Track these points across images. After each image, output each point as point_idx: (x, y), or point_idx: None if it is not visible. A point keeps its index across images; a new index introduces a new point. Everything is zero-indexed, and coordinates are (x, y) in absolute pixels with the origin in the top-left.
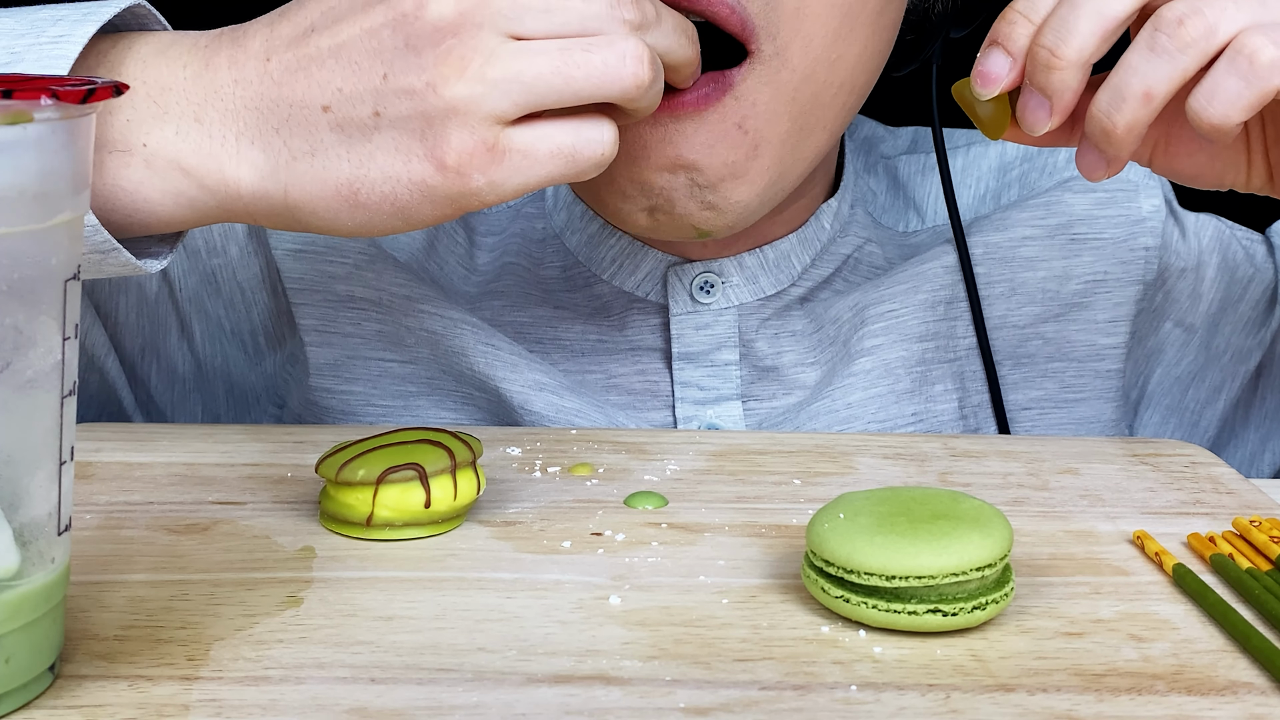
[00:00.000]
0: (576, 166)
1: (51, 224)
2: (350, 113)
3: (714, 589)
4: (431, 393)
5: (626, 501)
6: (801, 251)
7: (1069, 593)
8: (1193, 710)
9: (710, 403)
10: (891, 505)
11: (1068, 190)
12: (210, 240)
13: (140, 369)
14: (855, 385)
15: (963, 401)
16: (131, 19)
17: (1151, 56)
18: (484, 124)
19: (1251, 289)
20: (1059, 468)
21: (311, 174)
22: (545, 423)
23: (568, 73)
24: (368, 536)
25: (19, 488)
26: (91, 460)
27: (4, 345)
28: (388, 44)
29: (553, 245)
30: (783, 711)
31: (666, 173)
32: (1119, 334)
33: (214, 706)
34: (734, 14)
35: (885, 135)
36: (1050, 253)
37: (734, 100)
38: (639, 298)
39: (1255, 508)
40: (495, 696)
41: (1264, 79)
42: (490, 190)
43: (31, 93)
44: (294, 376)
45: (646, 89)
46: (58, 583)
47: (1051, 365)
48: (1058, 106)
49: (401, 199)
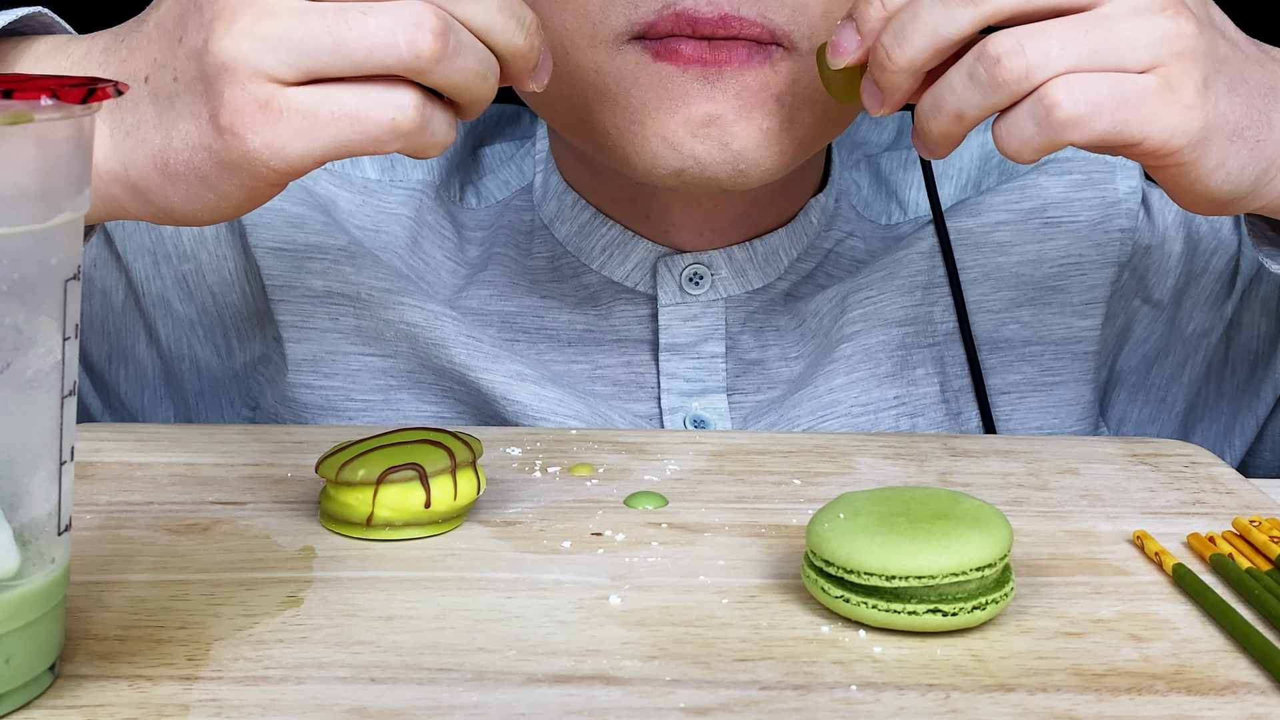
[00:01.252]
0: (365, 132)
1: (51, 224)
2: (160, 81)
3: (714, 589)
4: (412, 386)
5: (626, 501)
6: (790, 246)
7: (1069, 593)
8: (1192, 710)
9: (696, 395)
10: (891, 505)
11: (1043, 173)
12: (180, 245)
13: (109, 375)
14: (837, 371)
15: (944, 385)
16: (39, 25)
17: (969, 83)
18: (254, 80)
19: (1215, 261)
20: (1059, 468)
21: (138, 148)
22: (528, 413)
23: (339, 33)
24: (368, 536)
25: (19, 488)
26: (91, 460)
27: (4, 345)
28: (187, 6)
29: (541, 236)
30: (783, 711)
31: (701, 130)
32: (1095, 316)
33: (214, 706)
34: (764, 29)
35: (871, 125)
36: (1024, 237)
37: (773, 73)
38: (627, 288)
39: (1255, 507)
40: (495, 696)
41: (1056, 131)
42: (271, 154)
43: (31, 93)
44: (267, 376)
45: (432, 61)
46: (58, 583)
47: (1029, 349)
48: (888, 101)
49: (201, 167)
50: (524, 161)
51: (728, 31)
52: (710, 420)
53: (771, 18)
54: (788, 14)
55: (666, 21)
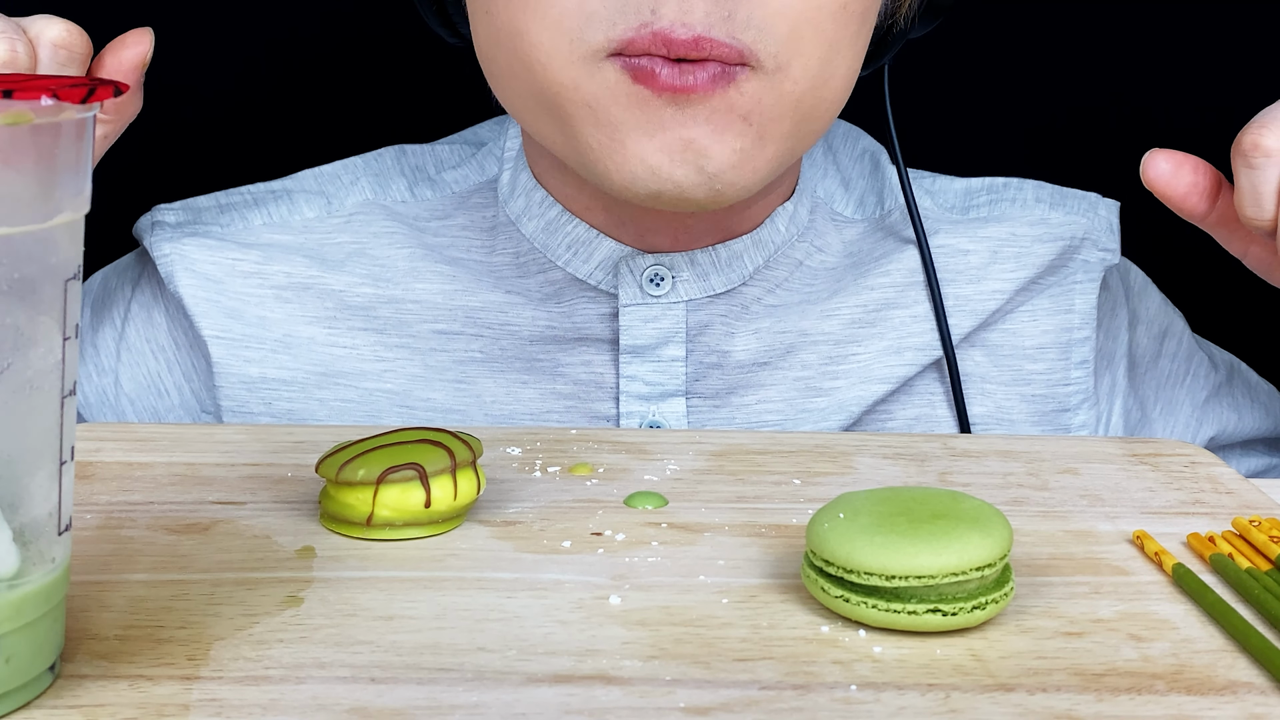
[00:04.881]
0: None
1: (51, 224)
2: None
3: (714, 589)
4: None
5: (626, 501)
6: (754, 252)
7: (1069, 592)
8: (1192, 710)
9: (655, 398)
10: (891, 505)
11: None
12: (160, 385)
13: None
14: (797, 379)
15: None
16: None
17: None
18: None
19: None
20: (1059, 468)
21: None
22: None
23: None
24: (368, 536)
25: (19, 488)
26: (91, 460)
27: (4, 345)
28: None
29: (505, 232)
30: (783, 711)
31: (679, 154)
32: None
33: (214, 706)
34: (732, 49)
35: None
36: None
37: (739, 95)
38: (590, 285)
39: (1255, 507)
40: (495, 696)
41: None
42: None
43: (31, 93)
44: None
45: None
46: (58, 583)
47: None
48: None
49: None
50: (485, 160)
51: (700, 53)
52: (667, 424)
53: (740, 37)
54: (754, 34)
55: (643, 40)
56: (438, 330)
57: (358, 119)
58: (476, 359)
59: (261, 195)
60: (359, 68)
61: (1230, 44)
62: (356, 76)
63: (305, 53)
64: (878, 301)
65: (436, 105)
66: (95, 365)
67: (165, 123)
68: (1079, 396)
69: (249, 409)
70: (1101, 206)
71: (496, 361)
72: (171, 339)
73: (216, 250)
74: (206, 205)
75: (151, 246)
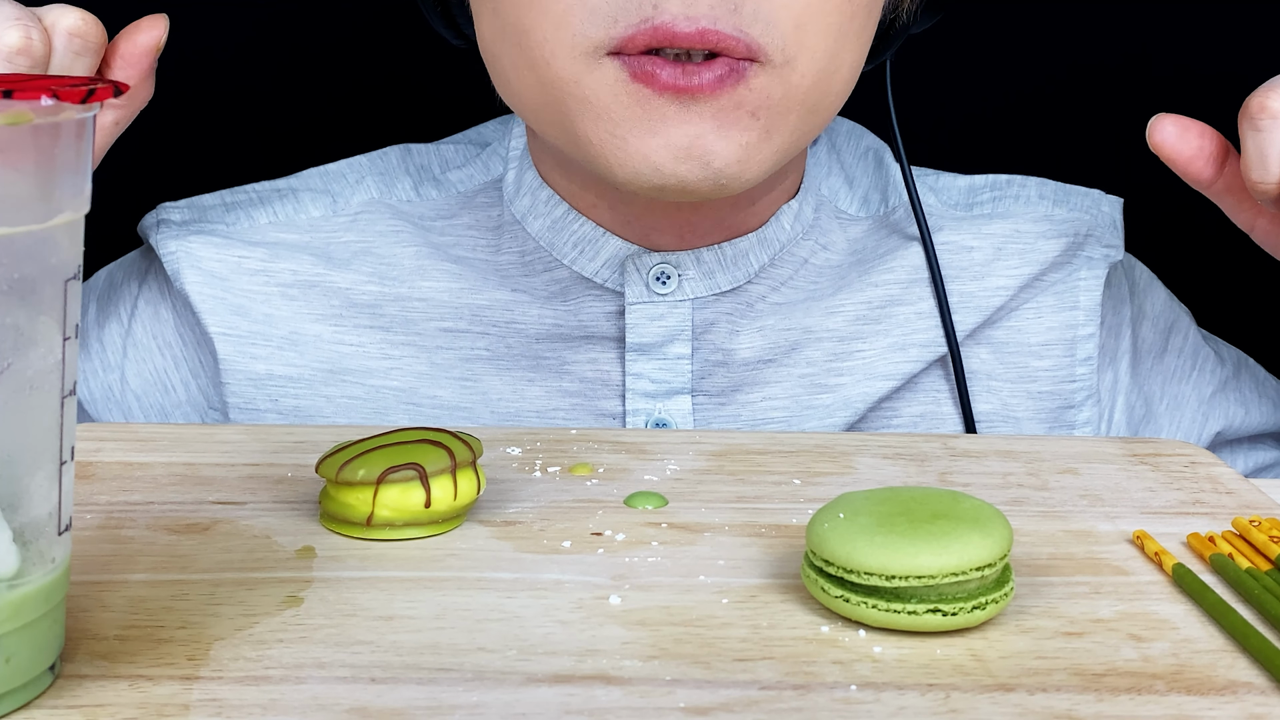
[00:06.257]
0: None
1: (51, 224)
2: None
3: (714, 589)
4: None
5: (626, 501)
6: (760, 250)
7: (1069, 592)
8: (1192, 710)
9: (661, 396)
10: (891, 505)
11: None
12: (167, 381)
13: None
14: (802, 376)
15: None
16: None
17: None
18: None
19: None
20: (1059, 467)
21: None
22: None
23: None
24: (368, 536)
25: (19, 488)
26: (91, 460)
27: (4, 345)
28: None
29: (510, 231)
30: (783, 711)
31: (683, 152)
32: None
33: (214, 706)
34: (739, 43)
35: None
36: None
37: (747, 91)
38: (596, 284)
39: (1255, 508)
40: (495, 696)
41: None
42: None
43: (31, 93)
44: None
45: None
46: (58, 583)
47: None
48: None
49: None
50: (490, 160)
51: (705, 45)
52: (673, 422)
53: (748, 31)
54: (761, 28)
55: (645, 35)
56: (444, 328)
57: (363, 118)
58: (483, 357)
59: (267, 194)
60: (364, 67)
61: (1230, 45)
62: (362, 76)
63: (310, 53)
64: (882, 298)
65: (441, 105)
66: (101, 361)
67: (170, 121)
68: (1084, 393)
69: (256, 406)
70: (1105, 203)
71: (503, 359)
72: (178, 335)
73: (222, 248)
74: (212, 204)
75: (157, 244)
